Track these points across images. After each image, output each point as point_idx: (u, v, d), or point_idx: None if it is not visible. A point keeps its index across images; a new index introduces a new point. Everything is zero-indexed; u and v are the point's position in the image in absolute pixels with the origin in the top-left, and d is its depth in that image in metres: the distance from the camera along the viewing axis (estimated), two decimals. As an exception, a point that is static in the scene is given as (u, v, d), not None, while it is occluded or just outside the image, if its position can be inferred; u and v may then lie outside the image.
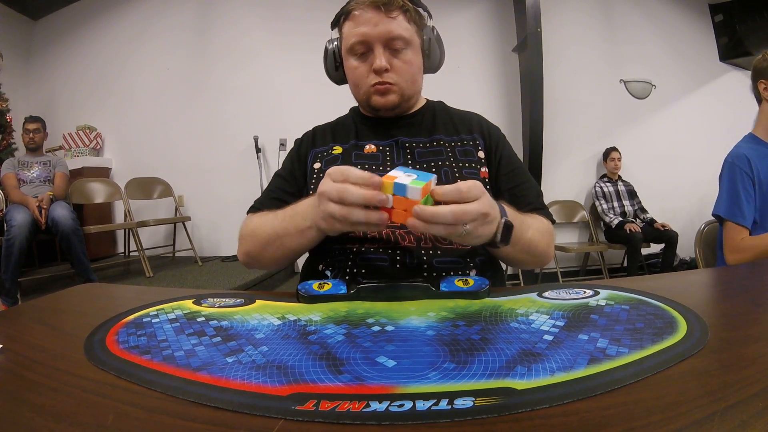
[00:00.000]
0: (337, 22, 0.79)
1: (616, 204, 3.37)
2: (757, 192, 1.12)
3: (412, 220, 0.47)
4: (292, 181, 0.82)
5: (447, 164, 0.76)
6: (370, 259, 0.69)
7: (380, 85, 0.75)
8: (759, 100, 1.19)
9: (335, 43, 0.81)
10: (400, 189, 0.48)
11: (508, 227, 0.56)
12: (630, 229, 3.13)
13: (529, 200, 0.77)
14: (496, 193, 0.78)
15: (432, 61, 0.82)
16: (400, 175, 0.49)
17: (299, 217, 0.64)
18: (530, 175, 0.83)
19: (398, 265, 0.68)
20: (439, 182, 0.71)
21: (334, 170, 0.52)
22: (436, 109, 0.86)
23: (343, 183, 0.50)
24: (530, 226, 0.67)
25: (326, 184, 0.52)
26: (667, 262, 3.18)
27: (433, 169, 0.75)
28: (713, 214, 1.18)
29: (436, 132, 0.81)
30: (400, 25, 0.73)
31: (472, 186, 0.50)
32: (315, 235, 0.63)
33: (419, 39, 0.77)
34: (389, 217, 0.49)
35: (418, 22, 0.77)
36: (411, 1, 0.75)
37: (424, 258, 0.68)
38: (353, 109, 0.89)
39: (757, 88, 1.18)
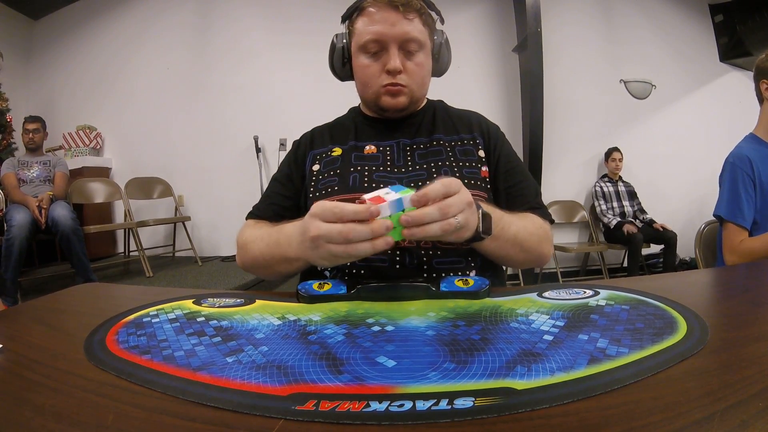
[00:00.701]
0: (348, 17, 0.77)
1: (615, 204, 3.37)
2: (758, 193, 1.12)
3: (409, 230, 0.48)
4: (289, 185, 0.82)
5: (447, 164, 0.76)
6: (370, 260, 0.69)
7: (392, 86, 0.74)
8: (761, 99, 1.19)
9: (344, 39, 0.79)
10: (396, 206, 0.48)
11: (485, 216, 0.57)
12: (627, 231, 3.12)
13: (527, 199, 0.77)
14: (495, 191, 0.78)
15: (440, 65, 0.82)
16: (384, 195, 0.50)
17: (283, 248, 0.63)
18: (529, 173, 0.83)
19: (398, 266, 0.68)
20: None
21: (321, 210, 0.50)
22: (436, 108, 0.86)
23: (337, 223, 0.49)
24: (513, 222, 0.66)
25: (320, 227, 0.50)
26: (668, 264, 3.17)
27: (434, 170, 0.75)
28: (714, 215, 1.18)
29: (436, 131, 0.81)
30: (416, 27, 0.72)
31: (447, 183, 0.51)
32: (303, 265, 0.64)
33: (431, 42, 0.78)
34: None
35: (431, 25, 0.77)
36: (426, 5, 0.75)
37: (424, 258, 0.68)
38: (353, 109, 0.89)
39: (759, 87, 1.18)
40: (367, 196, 0.50)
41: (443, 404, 0.30)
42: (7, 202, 2.61)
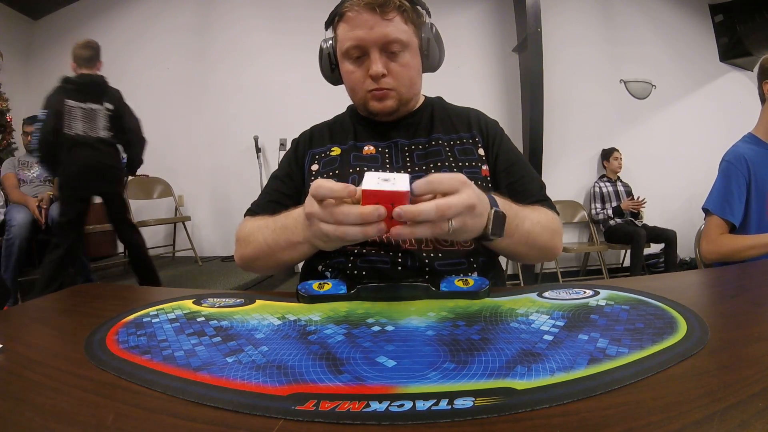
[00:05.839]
0: (331, 22, 0.76)
1: (614, 204, 3.37)
2: (752, 194, 1.12)
3: (396, 229, 0.45)
4: (289, 183, 0.81)
5: (446, 165, 0.74)
6: (371, 261, 0.69)
7: (377, 91, 0.73)
8: (763, 99, 1.19)
9: (330, 42, 0.78)
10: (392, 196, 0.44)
11: (498, 217, 0.54)
12: (636, 205, 3.16)
13: (531, 193, 0.75)
14: (496, 189, 0.76)
15: (431, 60, 0.78)
16: (375, 181, 0.45)
17: (290, 231, 0.62)
18: (531, 168, 0.81)
19: (399, 268, 0.68)
20: None
21: (315, 188, 0.49)
22: (434, 106, 0.84)
23: (328, 202, 0.48)
24: (527, 217, 0.64)
25: (312, 205, 0.50)
26: (670, 262, 3.16)
27: (433, 170, 0.73)
28: (702, 208, 1.19)
29: (435, 131, 0.80)
30: (397, 28, 0.70)
31: (444, 177, 0.47)
32: (308, 249, 0.62)
33: (417, 39, 0.75)
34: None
35: (415, 21, 0.73)
36: (408, 0, 0.72)
37: (426, 261, 0.68)
38: (351, 107, 0.87)
39: (762, 87, 1.18)
40: (363, 187, 0.46)
41: (443, 404, 0.30)
42: (8, 202, 2.60)
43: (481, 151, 0.78)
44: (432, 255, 0.69)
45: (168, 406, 0.31)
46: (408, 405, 0.30)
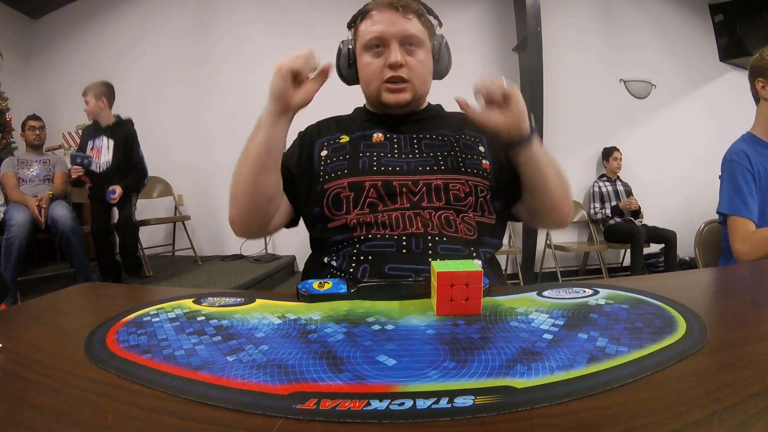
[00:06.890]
0: (353, 22, 0.83)
1: (614, 204, 3.37)
2: (756, 189, 1.11)
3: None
4: (288, 163, 0.82)
5: (452, 154, 0.79)
6: (377, 245, 0.70)
7: (393, 83, 0.77)
8: (757, 99, 1.19)
9: (349, 45, 0.84)
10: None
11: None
12: (628, 205, 3.19)
13: None
14: (512, 179, 0.79)
15: (440, 66, 0.85)
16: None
17: (258, 124, 0.73)
18: None
19: (404, 251, 0.69)
20: (445, 169, 0.76)
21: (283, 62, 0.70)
22: (437, 110, 0.90)
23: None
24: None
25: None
26: (670, 263, 3.16)
27: (440, 158, 0.78)
28: (717, 212, 1.16)
29: (440, 128, 0.84)
30: (415, 26, 0.77)
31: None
32: (268, 126, 0.71)
33: (431, 43, 0.82)
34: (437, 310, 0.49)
35: (429, 27, 0.81)
36: (425, 9, 0.80)
37: (430, 244, 0.70)
38: (358, 109, 0.91)
39: (754, 87, 1.18)
40: (438, 270, 0.49)
41: (443, 402, 0.30)
42: (7, 202, 2.60)
43: (481, 148, 0.83)
44: (437, 239, 0.70)
45: (168, 406, 0.31)
46: (408, 403, 0.30)
